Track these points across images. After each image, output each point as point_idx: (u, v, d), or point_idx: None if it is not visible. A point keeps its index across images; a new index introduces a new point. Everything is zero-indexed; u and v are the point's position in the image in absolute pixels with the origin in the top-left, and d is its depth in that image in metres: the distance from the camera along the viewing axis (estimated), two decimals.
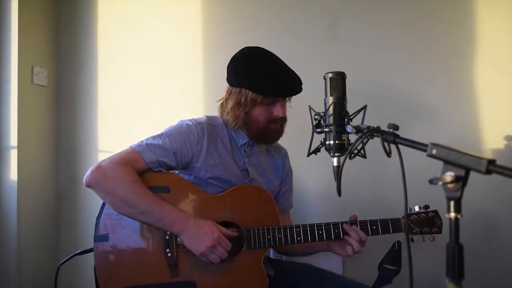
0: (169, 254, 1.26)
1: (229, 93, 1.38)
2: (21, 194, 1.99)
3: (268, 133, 1.37)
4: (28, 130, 2.05)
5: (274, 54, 1.38)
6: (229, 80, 1.39)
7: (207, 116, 1.42)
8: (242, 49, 1.41)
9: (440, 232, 1.35)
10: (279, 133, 1.40)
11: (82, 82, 2.24)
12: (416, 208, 1.37)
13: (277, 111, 1.34)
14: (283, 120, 1.38)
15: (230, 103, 1.36)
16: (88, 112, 2.23)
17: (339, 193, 0.93)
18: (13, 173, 1.98)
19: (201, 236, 1.21)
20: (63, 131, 2.26)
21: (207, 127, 1.36)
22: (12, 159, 1.99)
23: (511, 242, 1.83)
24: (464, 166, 0.67)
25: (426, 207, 1.37)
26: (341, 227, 1.33)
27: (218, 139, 1.38)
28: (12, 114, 1.99)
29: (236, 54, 1.40)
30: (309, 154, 1.07)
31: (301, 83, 1.36)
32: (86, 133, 2.23)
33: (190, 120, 1.37)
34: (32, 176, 2.07)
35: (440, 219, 1.35)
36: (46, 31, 2.21)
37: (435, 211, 1.36)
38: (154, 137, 1.32)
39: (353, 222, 1.34)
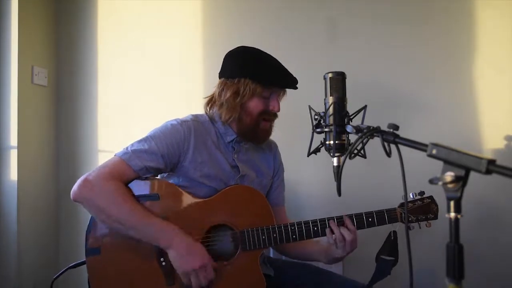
0: (163, 263, 1.23)
1: (223, 86, 1.36)
2: (21, 194, 1.99)
3: (257, 131, 1.36)
4: (28, 130, 2.05)
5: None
6: (225, 72, 1.38)
7: (192, 115, 1.40)
8: (238, 47, 1.42)
9: (436, 218, 1.33)
10: (268, 133, 1.40)
11: (82, 82, 2.24)
12: (411, 195, 1.34)
13: (273, 105, 1.35)
14: (274, 117, 1.39)
15: (227, 94, 1.33)
16: (88, 112, 2.23)
17: (339, 193, 0.93)
18: (13, 173, 1.98)
19: (189, 257, 1.19)
20: (63, 131, 2.26)
21: (193, 124, 1.34)
22: (12, 159, 1.99)
23: (510, 242, 1.83)
24: (464, 166, 0.67)
25: (422, 193, 1.35)
26: (337, 223, 1.31)
27: (207, 135, 1.36)
28: (12, 114, 1.99)
29: (232, 50, 1.41)
30: (309, 154, 1.07)
31: (297, 81, 1.38)
32: (86, 133, 2.23)
33: (174, 120, 1.35)
34: (32, 176, 2.07)
35: (436, 204, 1.33)
36: (46, 31, 2.22)
37: (431, 197, 1.34)
38: (139, 142, 1.29)
39: (339, 217, 1.32)
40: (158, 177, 1.36)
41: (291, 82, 1.37)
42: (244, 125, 1.36)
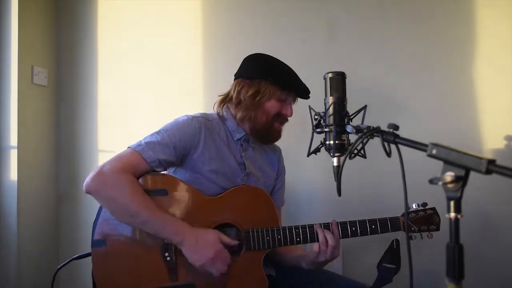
0: (168, 258, 1.25)
1: (242, 86, 1.39)
2: (21, 194, 1.99)
3: (270, 130, 1.41)
4: (28, 130, 2.05)
5: None
6: (245, 73, 1.42)
7: (201, 112, 1.44)
8: (256, 53, 1.47)
9: (438, 230, 1.35)
10: (279, 134, 1.44)
11: (82, 82, 2.24)
12: (414, 206, 1.36)
13: (286, 110, 1.40)
14: (285, 121, 1.44)
15: (248, 93, 1.37)
16: (88, 112, 2.23)
17: (339, 193, 0.93)
18: (13, 173, 1.98)
19: (202, 248, 1.21)
20: (63, 131, 2.26)
21: (203, 120, 1.38)
22: (12, 159, 1.99)
23: (510, 242, 1.83)
24: (464, 166, 0.67)
25: (424, 204, 1.37)
26: (339, 226, 1.32)
27: (215, 132, 1.39)
28: (12, 114, 1.99)
29: (251, 54, 1.47)
30: (309, 154, 1.08)
31: (309, 92, 1.43)
32: (86, 133, 2.23)
33: (185, 116, 1.38)
34: (32, 176, 2.07)
35: (438, 216, 1.36)
36: (46, 30, 2.21)
37: (433, 209, 1.36)
38: (151, 135, 1.32)
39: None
40: (166, 172, 1.37)
41: (306, 91, 1.42)
42: (258, 124, 1.39)
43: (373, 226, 1.33)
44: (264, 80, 1.37)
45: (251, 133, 1.42)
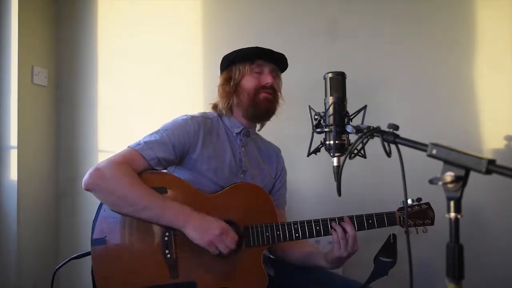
0: (168, 255, 1.25)
1: (219, 84, 1.48)
2: (21, 194, 1.99)
3: (259, 103, 1.40)
4: (28, 130, 2.05)
5: None
6: (220, 74, 1.50)
7: (200, 112, 1.46)
8: None
9: (433, 224, 1.38)
10: (269, 102, 1.42)
11: (82, 82, 2.24)
12: (409, 201, 1.40)
13: (265, 79, 1.41)
14: (273, 91, 1.42)
15: (221, 81, 1.45)
16: (88, 112, 2.23)
17: (339, 193, 0.93)
18: (13, 173, 1.98)
19: (207, 226, 1.21)
20: (63, 131, 2.26)
21: (202, 120, 1.39)
22: (12, 159, 1.99)
23: (510, 242, 1.83)
24: (464, 166, 0.67)
25: (419, 199, 1.40)
26: (338, 222, 1.33)
27: (213, 131, 1.41)
28: (12, 114, 1.99)
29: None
30: (309, 154, 1.07)
31: (283, 55, 1.45)
32: (86, 133, 2.23)
33: (184, 115, 1.40)
34: (32, 176, 2.07)
35: (433, 211, 1.39)
36: (46, 30, 2.22)
37: (428, 204, 1.40)
38: (150, 134, 1.33)
39: (340, 218, 1.34)
40: (165, 171, 1.37)
41: (277, 55, 1.44)
42: (244, 104, 1.41)
43: (370, 221, 1.34)
44: (233, 65, 1.43)
45: (246, 117, 1.43)
